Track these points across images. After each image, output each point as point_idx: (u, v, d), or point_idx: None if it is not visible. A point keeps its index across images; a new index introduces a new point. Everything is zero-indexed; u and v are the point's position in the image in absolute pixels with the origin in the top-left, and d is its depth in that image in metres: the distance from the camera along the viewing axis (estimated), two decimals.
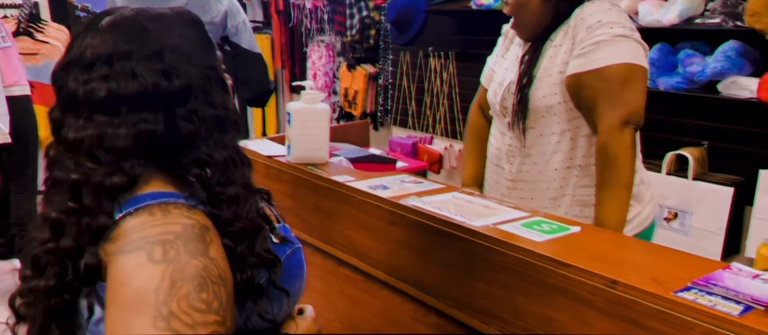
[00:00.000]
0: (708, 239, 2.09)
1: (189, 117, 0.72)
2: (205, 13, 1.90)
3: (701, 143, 2.18)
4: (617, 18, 1.31)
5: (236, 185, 0.74)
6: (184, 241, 0.65)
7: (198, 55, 0.75)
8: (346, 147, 1.76)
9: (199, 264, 0.64)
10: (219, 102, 0.75)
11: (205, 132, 0.73)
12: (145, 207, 0.67)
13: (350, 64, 3.83)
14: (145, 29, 0.73)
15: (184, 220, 0.67)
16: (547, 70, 1.38)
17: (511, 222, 1.07)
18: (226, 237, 0.71)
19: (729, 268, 0.88)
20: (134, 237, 0.65)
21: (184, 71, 0.72)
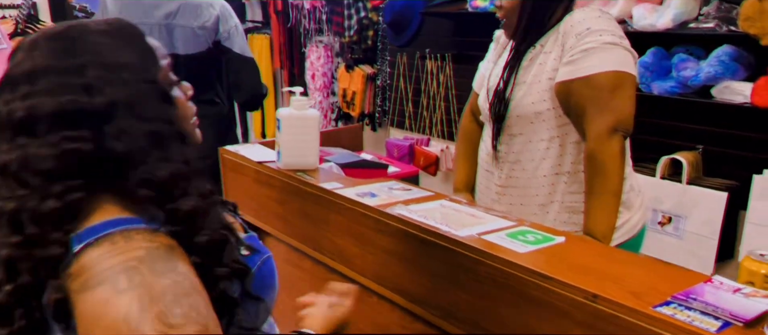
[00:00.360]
0: (702, 243, 2.09)
1: (118, 135, 0.67)
2: (197, 17, 1.90)
3: (696, 147, 2.18)
4: (606, 25, 1.31)
5: (191, 198, 0.70)
6: (149, 264, 0.62)
7: (131, 69, 0.71)
8: (338, 152, 1.76)
9: (168, 280, 0.62)
10: (157, 116, 0.71)
11: (140, 150, 0.68)
12: (106, 236, 0.64)
13: (348, 64, 3.83)
14: (71, 44, 0.70)
15: (147, 244, 0.64)
16: (536, 76, 1.38)
17: (496, 232, 1.07)
18: (193, 254, 0.68)
19: (710, 281, 0.88)
20: (97, 270, 0.62)
21: (109, 87, 0.68)
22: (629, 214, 1.42)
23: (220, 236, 0.72)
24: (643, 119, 2.26)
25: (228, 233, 0.74)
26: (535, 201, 1.43)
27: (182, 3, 1.89)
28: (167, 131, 0.71)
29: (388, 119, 3.68)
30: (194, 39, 1.91)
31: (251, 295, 0.77)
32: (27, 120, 0.66)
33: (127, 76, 0.70)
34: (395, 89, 3.55)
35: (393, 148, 3.40)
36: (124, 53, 0.72)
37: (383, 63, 3.62)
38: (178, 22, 1.90)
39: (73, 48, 0.70)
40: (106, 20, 0.75)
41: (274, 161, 1.51)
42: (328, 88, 4.13)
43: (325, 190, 1.33)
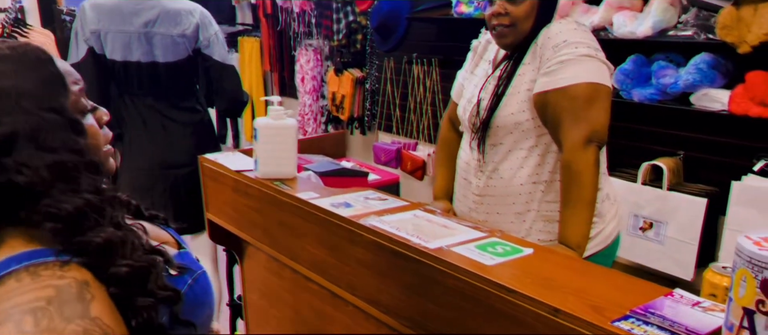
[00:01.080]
0: (682, 248, 2.10)
1: (18, 168, 0.65)
2: (177, 25, 1.90)
3: (677, 153, 2.19)
4: (582, 38, 1.33)
5: (103, 229, 0.67)
6: (57, 305, 0.59)
7: (33, 97, 0.68)
8: (318, 160, 1.77)
9: (78, 328, 0.58)
10: (62, 146, 0.68)
11: (43, 182, 0.65)
12: (12, 273, 0.61)
13: (338, 68, 3.83)
14: None
15: (56, 281, 0.61)
16: (516, 87, 1.40)
17: (466, 244, 1.08)
18: (111, 285, 0.65)
19: (671, 295, 0.89)
20: (1, 309, 0.59)
21: (8, 117, 0.66)
22: (603, 224, 1.43)
23: (142, 264, 0.69)
24: (624, 125, 2.29)
25: (154, 258, 0.71)
26: (512, 209, 1.44)
27: (162, 11, 1.90)
28: (74, 162, 0.69)
29: (377, 123, 3.69)
30: (174, 47, 1.91)
31: (180, 320, 0.74)
32: None
33: (28, 105, 0.67)
34: (383, 93, 3.56)
35: (380, 152, 3.41)
36: (27, 81, 0.69)
37: (372, 67, 3.63)
38: (158, 30, 1.90)
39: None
40: (10, 45, 0.72)
41: (251, 170, 1.52)
42: (317, 91, 4.13)
43: (301, 200, 1.34)
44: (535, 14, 1.38)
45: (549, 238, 1.41)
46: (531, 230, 1.43)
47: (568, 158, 1.29)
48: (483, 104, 1.45)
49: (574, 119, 1.29)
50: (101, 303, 0.62)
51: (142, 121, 1.91)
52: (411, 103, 3.36)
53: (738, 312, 0.70)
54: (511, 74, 1.41)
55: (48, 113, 0.69)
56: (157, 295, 0.69)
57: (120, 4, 1.91)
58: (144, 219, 0.88)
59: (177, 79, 1.96)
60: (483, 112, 1.44)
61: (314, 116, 4.18)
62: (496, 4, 1.40)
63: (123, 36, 1.91)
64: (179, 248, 0.90)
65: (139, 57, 1.90)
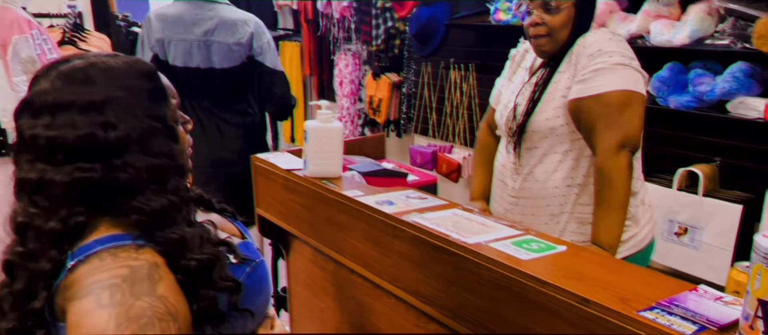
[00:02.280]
0: (718, 254, 2.12)
1: (124, 168, 0.74)
2: (233, 34, 2.04)
3: (713, 159, 2.21)
4: (616, 47, 1.39)
5: (180, 227, 0.76)
6: (130, 283, 0.68)
7: (143, 107, 0.78)
8: (360, 160, 1.87)
9: (145, 304, 0.67)
10: (162, 151, 0.78)
11: (141, 182, 0.75)
12: (96, 254, 0.71)
13: (375, 72, 3.94)
14: (91, 81, 0.76)
15: (131, 262, 0.70)
16: (551, 94, 1.46)
17: (503, 240, 1.16)
18: (180, 274, 0.74)
19: (696, 290, 0.95)
20: (84, 283, 0.68)
21: (123, 124, 0.75)
22: (637, 228, 1.48)
23: (208, 257, 0.78)
24: (660, 131, 2.32)
25: (219, 251, 0.81)
26: (546, 211, 1.50)
27: (220, 21, 2.04)
28: (167, 166, 0.79)
29: (413, 126, 3.78)
30: (230, 54, 2.05)
31: (239, 308, 0.83)
32: (48, 148, 0.73)
33: (140, 113, 0.77)
34: (420, 96, 3.64)
35: (416, 154, 3.49)
36: (140, 93, 0.79)
37: (409, 71, 3.72)
38: (216, 39, 2.04)
39: (94, 86, 0.76)
40: (126, 60, 0.82)
41: (300, 169, 1.63)
42: (355, 95, 4.25)
43: (347, 197, 1.44)
44: (571, 24, 1.44)
45: (582, 239, 1.47)
46: (564, 232, 1.49)
47: (602, 163, 1.35)
48: (519, 109, 1.52)
49: (607, 125, 1.34)
50: (168, 284, 0.72)
51: (200, 122, 2.06)
52: (447, 107, 3.43)
53: (754, 304, 0.76)
54: (547, 81, 1.47)
55: (154, 122, 0.79)
56: (219, 286, 0.79)
57: (182, 15, 2.06)
58: (214, 212, 1.00)
59: (232, 84, 2.10)
60: (519, 116, 1.51)
61: (351, 119, 4.30)
62: (533, 15, 1.46)
63: (184, 44, 2.06)
64: (243, 239, 1.01)
65: (198, 63, 2.05)
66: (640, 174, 1.52)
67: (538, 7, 1.44)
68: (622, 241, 1.41)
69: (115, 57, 0.82)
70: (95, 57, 0.80)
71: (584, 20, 1.47)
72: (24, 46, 2.47)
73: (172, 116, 0.85)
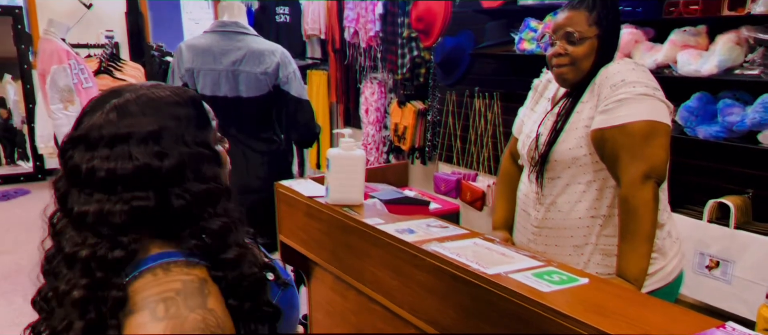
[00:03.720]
0: (751, 289, 2.05)
1: (182, 195, 0.77)
2: (260, 64, 2.09)
3: (745, 191, 2.15)
4: (639, 77, 1.38)
5: (233, 248, 0.79)
6: (183, 297, 0.71)
7: (192, 134, 0.81)
8: (383, 188, 1.87)
9: (198, 316, 0.70)
10: (211, 176, 0.81)
11: (198, 207, 0.78)
12: (148, 269, 0.74)
13: (401, 100, 3.97)
14: (143, 113, 0.79)
15: (183, 277, 0.73)
16: (574, 123, 1.45)
17: (523, 271, 1.15)
18: (231, 298, 0.77)
19: (723, 327, 0.92)
20: (139, 298, 0.71)
21: (176, 152, 0.78)
22: (665, 261, 1.44)
23: (257, 280, 0.81)
24: (689, 162, 2.27)
25: (265, 276, 0.83)
26: (570, 242, 1.48)
27: (248, 51, 2.10)
28: (218, 189, 0.82)
29: (437, 154, 3.78)
30: (257, 83, 2.10)
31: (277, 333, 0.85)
32: (106, 181, 0.76)
33: (189, 141, 0.80)
34: (444, 124, 3.65)
35: (441, 182, 3.49)
36: (189, 121, 0.82)
37: (434, 100, 3.74)
38: (244, 69, 2.10)
39: (146, 117, 0.79)
40: (172, 90, 0.86)
41: (323, 197, 1.64)
42: (380, 122, 4.29)
43: (368, 225, 1.44)
44: (594, 55, 1.43)
45: (607, 271, 1.44)
46: (589, 263, 1.46)
47: (626, 194, 1.33)
48: (542, 139, 1.51)
49: (632, 156, 1.32)
50: (216, 299, 0.75)
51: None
52: (471, 135, 3.43)
53: None
54: (569, 111, 1.47)
55: (202, 148, 0.82)
56: (265, 312, 0.81)
57: (211, 46, 2.13)
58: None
59: (258, 112, 2.15)
60: (542, 146, 1.51)
61: (376, 146, 4.33)
62: (556, 45, 1.45)
63: (213, 74, 2.12)
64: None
65: (226, 92, 2.10)
66: (667, 206, 1.49)
67: (561, 38, 1.44)
68: (648, 274, 1.37)
69: (161, 88, 0.85)
70: (145, 89, 0.84)
71: (607, 51, 1.46)
72: (62, 75, 2.57)
73: (214, 139, 0.87)
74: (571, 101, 1.48)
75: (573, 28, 1.42)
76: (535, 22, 2.80)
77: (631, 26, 2.28)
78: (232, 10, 2.15)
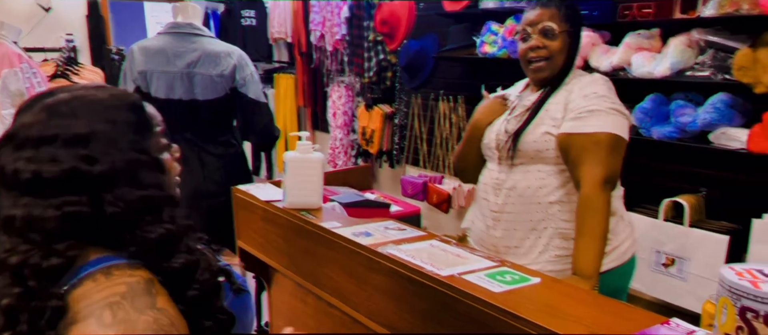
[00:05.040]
0: (706, 285, 2.10)
1: (114, 202, 0.73)
2: (216, 66, 2.05)
3: (699, 190, 2.21)
4: (609, 93, 1.48)
5: (181, 255, 0.76)
6: (130, 299, 0.67)
7: (127, 139, 0.77)
8: (343, 191, 1.86)
9: (149, 318, 0.67)
10: (149, 183, 0.77)
11: (134, 215, 0.74)
12: (89, 275, 0.70)
13: (368, 104, 3.97)
14: (74, 114, 0.76)
15: (127, 279, 0.70)
16: (541, 119, 1.51)
17: (477, 272, 1.15)
18: (181, 303, 0.73)
19: (668, 323, 0.94)
20: (81, 306, 0.67)
21: (108, 157, 0.74)
22: (618, 241, 1.50)
23: (210, 287, 0.78)
24: (644, 162, 2.32)
25: (219, 282, 0.80)
26: (529, 225, 1.51)
27: (203, 53, 2.06)
28: (158, 196, 0.78)
29: (405, 157, 3.79)
30: (213, 86, 2.06)
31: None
32: (32, 183, 0.72)
33: (124, 146, 0.77)
34: (411, 128, 3.66)
35: (407, 185, 3.49)
36: (125, 125, 0.79)
37: (400, 103, 3.75)
38: (199, 71, 2.06)
39: (77, 119, 0.76)
40: (112, 92, 0.82)
41: (280, 201, 1.62)
42: (348, 126, 4.27)
43: (325, 229, 1.43)
44: (566, 51, 1.52)
45: (566, 253, 1.47)
46: (548, 247, 1.49)
47: (589, 193, 1.38)
48: (511, 126, 1.55)
49: (597, 161, 1.39)
50: (165, 298, 0.72)
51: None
52: (437, 138, 3.45)
53: None
54: (539, 106, 1.52)
55: (139, 154, 0.78)
56: (217, 318, 0.79)
57: (165, 48, 2.08)
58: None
59: (214, 115, 2.11)
60: (511, 131, 1.54)
61: (345, 150, 4.31)
62: (533, 38, 1.51)
63: (167, 76, 2.07)
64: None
65: (180, 95, 2.06)
66: (620, 192, 1.56)
67: (538, 33, 1.50)
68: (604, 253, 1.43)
69: (101, 89, 0.82)
70: (81, 90, 0.80)
71: (575, 48, 1.55)
72: (13, 79, 2.49)
73: (158, 146, 0.85)
74: (542, 96, 1.53)
75: (548, 23, 1.49)
76: (497, 26, 2.83)
77: (588, 29, 2.32)
78: (186, 12, 2.11)
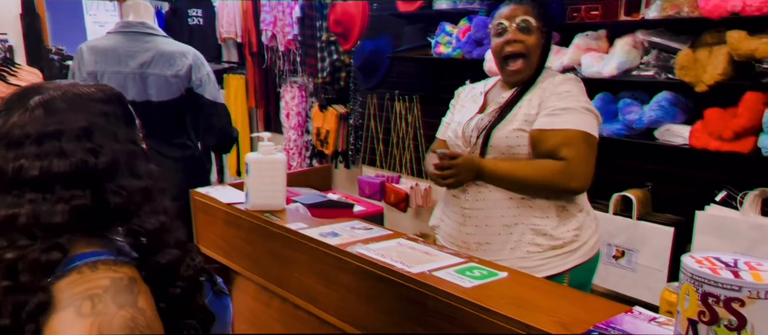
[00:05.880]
0: (653, 275, 2.21)
1: (118, 192, 0.75)
2: (171, 66, 1.99)
3: (645, 184, 2.32)
4: (582, 93, 1.51)
5: (171, 248, 0.76)
6: (112, 294, 0.67)
7: (122, 131, 0.79)
8: (305, 192, 1.84)
9: (127, 314, 0.67)
10: (145, 173, 0.79)
11: (135, 204, 0.76)
12: (74, 268, 0.70)
13: (322, 104, 3.95)
14: (72, 109, 0.77)
15: (112, 274, 0.70)
16: (514, 115, 1.51)
17: (446, 269, 1.17)
18: (165, 297, 0.73)
19: (631, 312, 0.98)
20: (62, 296, 0.67)
21: (109, 148, 0.76)
22: (586, 237, 1.54)
23: (193, 282, 0.78)
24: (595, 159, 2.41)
25: (201, 282, 0.80)
26: (500, 222, 1.53)
27: (157, 53, 1.99)
28: (154, 187, 0.79)
29: (361, 157, 3.79)
30: (167, 87, 2.00)
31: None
32: (41, 178, 0.72)
33: (121, 138, 0.78)
34: (366, 128, 3.67)
35: (365, 185, 3.50)
36: (117, 118, 0.80)
37: (355, 103, 3.75)
38: (153, 71, 1.99)
39: (77, 114, 0.76)
40: (99, 87, 0.83)
41: (242, 203, 1.59)
42: (302, 126, 4.24)
43: (291, 230, 1.41)
44: (540, 49, 1.52)
45: (538, 249, 1.50)
46: (520, 243, 1.51)
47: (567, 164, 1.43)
48: (483, 122, 1.55)
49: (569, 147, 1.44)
50: (146, 299, 0.71)
51: None
52: (393, 138, 3.47)
53: (684, 324, 0.79)
54: (512, 104, 1.53)
55: (133, 145, 0.80)
56: (198, 316, 0.79)
57: (116, 47, 2.00)
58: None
59: (169, 117, 2.04)
60: (482, 127, 1.54)
61: (299, 151, 4.27)
62: (509, 32, 1.51)
63: (118, 77, 2.00)
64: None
65: (133, 96, 1.98)
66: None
67: (515, 27, 1.51)
68: (573, 250, 1.51)
69: (82, 85, 0.82)
70: (67, 85, 0.81)
71: (547, 47, 1.56)
72: None
73: (141, 138, 0.86)
74: (515, 96, 1.54)
75: (525, 17, 1.49)
76: (451, 27, 2.88)
77: None
78: (138, 10, 2.04)
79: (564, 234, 1.50)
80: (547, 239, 1.50)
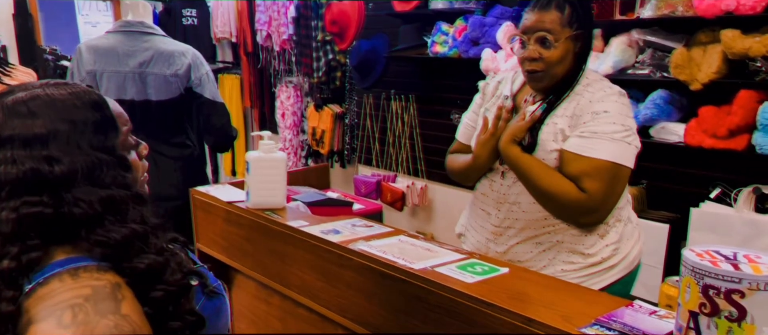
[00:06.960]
0: (649, 272, 2.22)
1: (76, 202, 0.72)
2: (170, 66, 1.99)
3: (640, 182, 2.34)
4: (621, 112, 1.33)
5: (148, 255, 0.74)
6: (93, 302, 0.66)
7: (88, 139, 0.76)
8: (305, 190, 1.85)
9: (110, 322, 0.65)
10: (113, 182, 0.76)
11: (96, 215, 0.73)
12: (55, 275, 0.68)
13: (317, 104, 3.95)
14: (33, 114, 0.74)
15: (93, 282, 0.68)
16: (547, 132, 1.38)
17: (447, 264, 1.18)
18: (147, 305, 0.72)
19: (632, 305, 1.00)
20: (44, 305, 0.66)
21: (69, 157, 0.73)
22: (627, 248, 1.42)
23: (178, 287, 0.76)
24: None
25: (188, 283, 0.78)
26: (533, 241, 1.42)
27: (156, 52, 1.99)
28: (123, 196, 0.76)
29: (357, 157, 3.80)
30: (167, 86, 2.00)
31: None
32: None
33: (86, 146, 0.75)
34: (362, 127, 3.67)
35: (361, 184, 3.50)
36: (86, 125, 0.76)
37: (351, 103, 3.76)
38: (152, 71, 1.99)
39: (36, 119, 0.73)
40: (72, 90, 0.79)
41: (243, 201, 1.60)
42: (297, 126, 4.23)
43: (292, 228, 1.42)
44: (569, 58, 1.36)
45: (573, 267, 1.39)
46: (554, 261, 1.41)
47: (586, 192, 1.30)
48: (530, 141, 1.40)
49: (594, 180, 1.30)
50: (131, 304, 0.70)
51: None
52: (390, 137, 3.48)
53: (685, 316, 0.80)
54: (544, 117, 1.39)
55: (101, 153, 0.76)
56: (186, 320, 0.76)
57: (115, 46, 2.00)
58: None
59: (169, 116, 2.04)
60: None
61: (294, 151, 4.27)
62: (529, 48, 1.36)
63: (117, 76, 1.99)
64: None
65: (132, 96, 1.98)
66: (629, 197, 1.50)
67: (535, 42, 1.36)
68: (612, 266, 1.39)
69: (61, 87, 0.78)
70: (40, 88, 0.77)
71: (583, 53, 1.38)
72: None
73: (124, 145, 0.83)
74: (547, 108, 1.40)
75: (546, 30, 1.34)
76: (447, 26, 2.89)
77: None
78: (136, 10, 2.03)
79: (601, 251, 1.38)
80: (583, 258, 1.38)
